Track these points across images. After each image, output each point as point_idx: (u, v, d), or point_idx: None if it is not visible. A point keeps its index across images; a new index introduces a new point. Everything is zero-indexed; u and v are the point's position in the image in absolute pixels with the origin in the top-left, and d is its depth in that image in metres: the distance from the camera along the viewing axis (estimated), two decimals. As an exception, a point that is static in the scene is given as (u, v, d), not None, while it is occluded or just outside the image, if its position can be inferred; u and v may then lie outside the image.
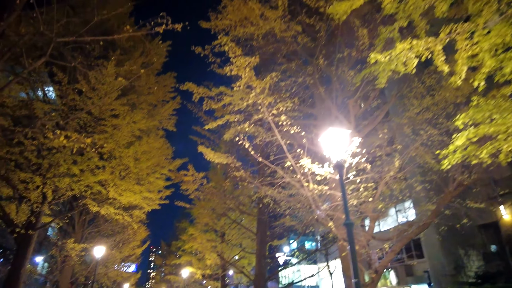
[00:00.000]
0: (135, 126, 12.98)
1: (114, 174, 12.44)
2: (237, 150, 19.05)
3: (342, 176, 5.09)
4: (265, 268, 15.38)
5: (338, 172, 5.09)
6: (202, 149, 10.59)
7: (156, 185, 15.02)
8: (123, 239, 21.17)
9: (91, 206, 13.13)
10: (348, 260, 7.72)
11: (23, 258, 12.53)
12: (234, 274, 27.10)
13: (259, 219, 15.79)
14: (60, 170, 11.41)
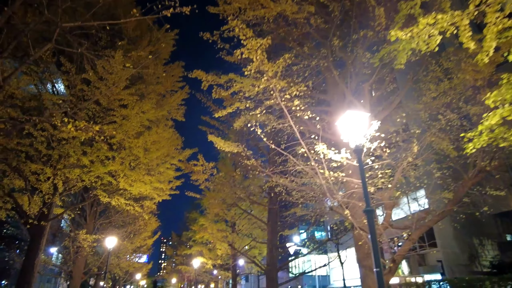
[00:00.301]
0: (144, 116, 12.84)
1: (124, 165, 12.37)
2: (246, 140, 18.86)
3: (361, 161, 4.85)
4: (277, 257, 15.30)
5: (357, 157, 4.85)
6: (212, 138, 10.41)
7: (166, 175, 14.96)
8: (134, 230, 21.30)
9: (101, 197, 13.12)
10: (364, 249, 7.51)
11: (36, 248, 12.64)
12: (245, 264, 27.15)
13: (270, 209, 15.64)
14: (70, 161, 11.37)
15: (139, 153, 12.82)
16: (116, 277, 33.43)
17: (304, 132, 9.72)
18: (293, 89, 6.54)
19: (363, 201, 8.25)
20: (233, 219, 22.87)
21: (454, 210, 7.86)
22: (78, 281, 19.13)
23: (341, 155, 5.60)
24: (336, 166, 6.43)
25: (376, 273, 4.08)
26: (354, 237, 8.03)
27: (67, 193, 13.84)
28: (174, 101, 15.51)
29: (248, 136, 17.21)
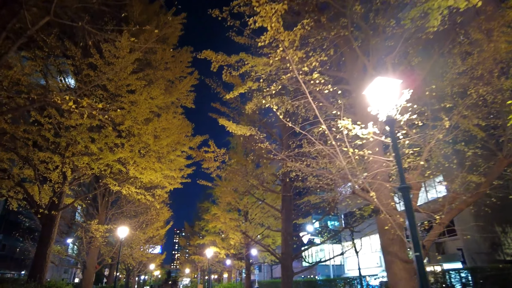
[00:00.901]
0: (152, 102, 12.44)
1: (133, 152, 12.02)
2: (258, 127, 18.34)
3: (393, 133, 4.30)
4: (292, 246, 14.88)
5: (390, 128, 4.29)
6: (223, 121, 9.94)
7: (177, 163, 14.60)
8: (147, 220, 21.15)
9: (111, 185, 12.84)
10: (390, 234, 6.97)
11: (48, 238, 12.48)
12: (258, 254, 26.88)
13: (283, 196, 15.17)
14: (78, 148, 11.06)
15: (148, 140, 12.45)
16: (129, 267, 33.64)
17: (322, 109, 9.20)
18: (312, 60, 5.97)
19: (388, 182, 7.70)
20: (246, 208, 22.52)
21: (487, 192, 7.27)
22: (92, 271, 19.11)
23: (368, 130, 5.03)
24: (360, 144, 5.87)
25: (415, 258, 3.56)
26: (378, 222, 7.49)
27: (77, 182, 13.62)
28: (183, 87, 15.03)
29: (259, 122, 16.68)
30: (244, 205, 22.14)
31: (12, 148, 11.21)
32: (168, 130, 13.36)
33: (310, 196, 18.58)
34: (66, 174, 11.63)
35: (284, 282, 13.91)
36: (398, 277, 6.64)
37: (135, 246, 21.85)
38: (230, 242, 23.87)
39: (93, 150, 11.24)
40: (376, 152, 7.90)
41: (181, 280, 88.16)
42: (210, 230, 28.86)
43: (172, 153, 13.73)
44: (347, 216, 31.16)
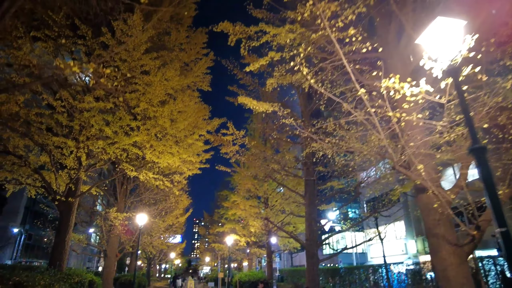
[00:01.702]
0: (167, 84, 11.85)
1: (149, 136, 11.52)
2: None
3: (459, 85, 3.49)
4: (317, 232, 14.21)
5: (454, 81, 3.49)
6: (242, 99, 9.21)
7: (195, 148, 14.05)
8: (166, 208, 20.89)
9: (128, 170, 12.41)
10: (436, 215, 6.17)
11: (66, 225, 12.22)
12: (279, 241, 26.34)
13: (306, 181, 14.45)
14: (92, 131, 10.62)
15: (165, 123, 11.91)
16: (150, 255, 33.86)
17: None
18: (348, 12, 5.16)
19: (434, 155, 6.86)
20: (266, 194, 21.93)
21: None
22: (113, 259, 19.03)
23: (418, 89, 4.22)
24: (409, 108, 5.05)
25: (500, 234, 2.79)
26: (421, 201, 6.68)
27: (94, 169, 13.28)
28: (199, 70, 14.36)
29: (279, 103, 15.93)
30: (264, 191, 21.54)
31: (26, 134, 10.88)
32: (185, 113, 12.79)
33: (333, 181, 17.80)
34: (81, 160, 11.25)
35: (310, 270, 13.29)
36: (447, 262, 5.86)
37: (154, 234, 21.68)
38: (250, 229, 23.43)
39: (107, 134, 10.79)
40: (417, 125, 7.05)
41: (201, 269, 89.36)
42: (229, 218, 28.53)
43: (190, 137, 13.17)
44: (369, 203, 30.19)
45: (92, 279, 13.22)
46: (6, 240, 31.80)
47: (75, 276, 11.52)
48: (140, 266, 50.49)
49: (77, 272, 12.07)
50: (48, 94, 10.64)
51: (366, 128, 9.34)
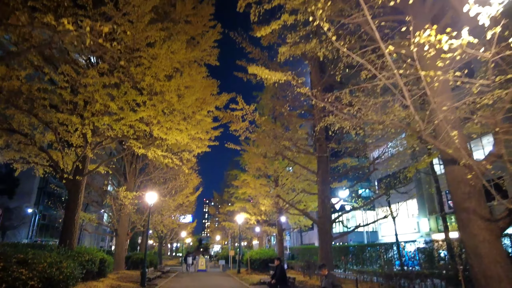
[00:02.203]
0: (173, 57, 11.30)
1: (156, 111, 11.10)
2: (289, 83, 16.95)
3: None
4: (330, 209, 13.83)
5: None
6: (253, 68, 8.62)
7: (203, 124, 13.61)
8: (176, 187, 20.74)
9: (136, 148, 12.08)
10: (466, 187, 5.68)
11: (75, 204, 12.06)
12: (288, 220, 26.16)
13: (319, 157, 13.96)
14: (97, 107, 10.23)
15: (172, 99, 11.46)
16: (161, 234, 34.27)
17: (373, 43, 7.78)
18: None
19: (462, 124, 6.30)
20: (276, 173, 21.55)
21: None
22: (123, 238, 19.10)
23: (461, 40, 3.64)
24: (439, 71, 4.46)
25: None
26: (449, 174, 6.17)
27: (100, 146, 12.99)
28: (206, 43, 13.73)
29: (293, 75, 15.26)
30: (274, 170, 21.15)
31: (30, 111, 10.55)
32: (192, 88, 12.28)
33: (345, 159, 17.29)
34: (86, 137, 10.92)
35: (323, 247, 13.00)
36: (479, 238, 5.40)
37: (165, 213, 21.66)
38: (260, 208, 23.23)
39: (113, 109, 10.40)
40: (444, 90, 6.46)
41: (212, 247, 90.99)
42: (239, 196, 28.40)
43: (198, 113, 12.69)
44: (382, 181, 29.71)
45: (103, 257, 13.17)
46: (20, 220, 32.41)
47: (85, 254, 11.42)
48: (152, 245, 51.42)
49: (88, 251, 11.99)
50: (50, 69, 10.20)
51: (386, 99, 8.74)
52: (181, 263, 41.18)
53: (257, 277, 18.04)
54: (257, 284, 14.94)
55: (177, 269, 30.47)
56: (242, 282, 16.69)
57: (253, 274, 20.43)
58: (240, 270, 23.22)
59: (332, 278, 7.69)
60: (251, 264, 21.58)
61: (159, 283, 16.22)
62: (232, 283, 16.65)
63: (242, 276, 19.60)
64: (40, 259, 5.75)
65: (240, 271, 22.87)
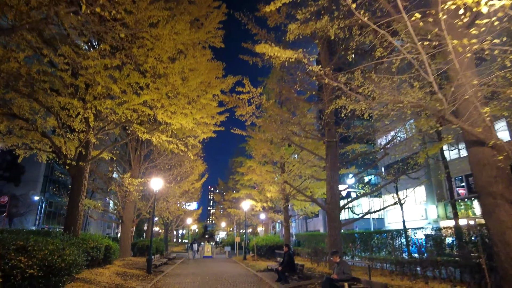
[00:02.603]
0: (177, 38, 10.86)
1: (160, 94, 10.73)
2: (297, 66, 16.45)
3: None
4: (338, 195, 13.50)
5: None
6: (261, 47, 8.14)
7: (209, 109, 13.22)
8: (181, 173, 20.50)
9: (139, 132, 11.76)
10: (493, 171, 5.30)
11: (78, 190, 11.83)
12: (293, 206, 25.95)
13: (328, 143, 13.56)
14: (99, 90, 9.86)
15: (176, 82, 11.06)
16: (167, 221, 34.36)
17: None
18: None
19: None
20: (283, 159, 21.20)
21: None
22: (129, 225, 18.99)
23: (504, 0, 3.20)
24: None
25: None
26: (472, 156, 5.77)
27: (104, 132, 12.69)
28: (210, 24, 13.21)
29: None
30: (281, 156, 20.80)
31: (30, 95, 10.21)
32: (197, 71, 11.85)
33: (354, 144, 16.86)
34: (88, 121, 10.59)
35: (332, 234, 12.73)
36: (506, 224, 5.04)
37: (170, 199, 21.50)
38: (266, 194, 23.00)
39: (115, 92, 10.04)
40: (470, 65, 5.99)
41: (217, 234, 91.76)
42: (245, 183, 28.21)
43: (203, 97, 12.30)
44: (389, 167, 29.30)
45: (109, 244, 13.02)
46: (26, 207, 32.57)
47: (90, 241, 11.26)
48: (158, 232, 51.82)
49: (93, 237, 11.83)
50: (50, 51, 9.82)
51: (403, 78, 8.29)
52: (187, 249, 41.45)
53: (263, 264, 17.92)
54: (264, 271, 14.77)
55: (183, 256, 30.60)
56: (248, 268, 16.56)
57: (260, 260, 20.33)
58: (246, 256, 23.17)
59: (344, 265, 7.39)
60: (257, 251, 21.48)
61: (165, 269, 16.14)
62: (239, 269, 16.53)
63: (249, 263, 19.51)
64: (41, 246, 5.50)
65: (246, 258, 22.81)
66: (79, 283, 8.62)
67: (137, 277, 12.05)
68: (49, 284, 5.30)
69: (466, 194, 23.62)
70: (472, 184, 22.47)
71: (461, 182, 24.15)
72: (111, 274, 11.46)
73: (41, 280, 5.05)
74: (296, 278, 10.99)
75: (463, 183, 24.02)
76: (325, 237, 25.73)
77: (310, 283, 9.97)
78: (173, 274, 14.56)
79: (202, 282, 11.79)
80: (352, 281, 6.93)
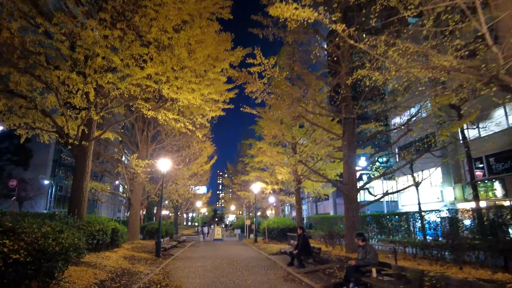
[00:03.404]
0: (183, 7, 10.00)
1: (165, 67, 9.96)
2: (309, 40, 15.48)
3: None
4: (356, 176, 12.73)
5: None
6: (275, 9, 7.23)
7: (217, 85, 12.42)
8: (189, 154, 19.89)
9: (144, 109, 11.06)
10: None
11: (82, 171, 11.28)
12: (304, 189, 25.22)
13: (346, 119, 12.70)
14: (99, 62, 9.11)
15: (181, 54, 10.25)
16: (176, 203, 34.14)
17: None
18: None
19: None
20: (294, 140, 20.41)
21: None
22: (137, 208, 18.58)
23: None
24: None
25: None
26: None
27: (108, 110, 12.01)
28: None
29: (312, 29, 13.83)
30: (292, 137, 20.00)
31: (26, 69, 9.52)
32: (203, 43, 10.98)
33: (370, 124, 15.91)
34: (89, 97, 9.88)
35: (350, 216, 12.03)
36: None
37: (179, 182, 20.98)
38: (277, 177, 22.35)
39: (117, 65, 9.30)
40: None
41: (226, 217, 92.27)
42: (255, 166, 27.59)
43: (211, 71, 11.45)
44: (402, 149, 28.33)
45: (116, 227, 12.56)
46: (36, 191, 32.57)
47: (96, 224, 10.76)
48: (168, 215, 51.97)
49: (99, 220, 11.33)
50: (45, 20, 9.05)
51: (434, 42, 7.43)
52: (197, 232, 41.44)
53: (275, 247, 17.41)
54: (276, 254, 14.24)
55: (193, 239, 30.42)
56: (260, 251, 16.06)
57: (271, 243, 19.85)
58: (257, 239, 22.75)
59: (370, 249, 6.66)
60: (269, 233, 20.97)
61: (175, 253, 15.74)
62: (250, 252, 16.05)
63: (260, 246, 19.04)
64: (33, 229, 4.90)
65: (257, 240, 22.39)
66: (83, 267, 8.12)
67: (145, 260, 11.60)
68: (41, 269, 4.71)
69: (486, 175, 22.59)
70: (493, 164, 21.45)
71: (480, 163, 23.10)
72: (119, 257, 11.01)
73: (30, 265, 4.45)
74: (311, 262, 10.38)
75: (482, 164, 22.97)
76: (337, 220, 25.10)
77: (328, 268, 9.34)
78: (183, 257, 14.14)
79: (213, 265, 11.27)
80: (380, 266, 6.24)
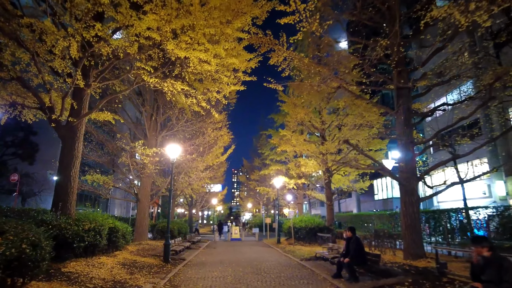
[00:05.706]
0: None
1: (170, 16, 7.54)
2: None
3: None
4: (415, 160, 10.07)
5: None
6: None
7: (238, 49, 9.94)
8: (204, 143, 17.45)
9: (145, 75, 8.64)
10: None
11: (70, 156, 8.95)
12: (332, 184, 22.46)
13: (399, 90, 10.01)
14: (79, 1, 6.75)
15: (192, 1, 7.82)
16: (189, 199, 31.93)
17: None
18: None
19: None
20: (324, 125, 17.72)
21: None
22: (145, 203, 16.30)
23: None
24: None
25: None
26: None
27: (103, 83, 9.68)
28: None
29: None
30: (321, 121, 17.33)
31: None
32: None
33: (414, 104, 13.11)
34: (72, 55, 7.50)
35: (408, 212, 9.36)
36: None
37: (193, 174, 18.60)
38: (301, 169, 19.72)
39: (105, 5, 6.92)
40: None
41: (242, 215, 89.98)
42: (275, 158, 25.01)
43: (228, 28, 8.86)
44: (444, 135, 25.15)
45: (115, 225, 10.25)
46: (40, 186, 30.90)
47: (86, 222, 8.42)
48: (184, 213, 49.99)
49: (91, 217, 8.97)
50: None
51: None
52: (213, 231, 39.16)
53: (304, 249, 14.82)
54: (310, 260, 11.66)
55: (209, 238, 28.09)
56: (288, 255, 13.47)
57: (298, 245, 17.23)
58: (280, 239, 20.20)
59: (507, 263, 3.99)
60: (295, 234, 18.37)
61: (187, 256, 13.35)
62: (277, 256, 13.50)
63: (285, 248, 16.47)
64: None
65: (280, 241, 19.84)
66: (55, 282, 5.78)
67: (149, 268, 9.23)
68: None
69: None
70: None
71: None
72: (115, 264, 8.66)
73: None
74: (365, 273, 7.79)
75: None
76: (368, 218, 22.34)
77: (397, 283, 6.72)
78: (196, 263, 11.72)
79: (235, 276, 8.76)
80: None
